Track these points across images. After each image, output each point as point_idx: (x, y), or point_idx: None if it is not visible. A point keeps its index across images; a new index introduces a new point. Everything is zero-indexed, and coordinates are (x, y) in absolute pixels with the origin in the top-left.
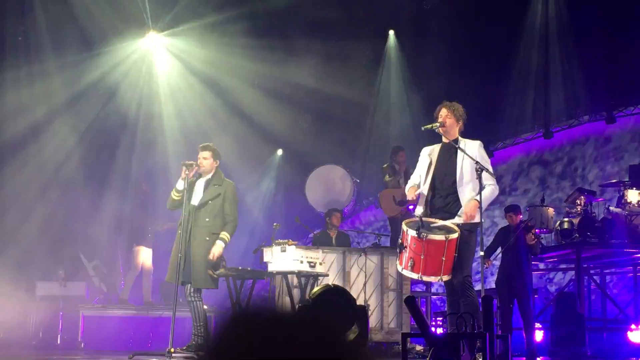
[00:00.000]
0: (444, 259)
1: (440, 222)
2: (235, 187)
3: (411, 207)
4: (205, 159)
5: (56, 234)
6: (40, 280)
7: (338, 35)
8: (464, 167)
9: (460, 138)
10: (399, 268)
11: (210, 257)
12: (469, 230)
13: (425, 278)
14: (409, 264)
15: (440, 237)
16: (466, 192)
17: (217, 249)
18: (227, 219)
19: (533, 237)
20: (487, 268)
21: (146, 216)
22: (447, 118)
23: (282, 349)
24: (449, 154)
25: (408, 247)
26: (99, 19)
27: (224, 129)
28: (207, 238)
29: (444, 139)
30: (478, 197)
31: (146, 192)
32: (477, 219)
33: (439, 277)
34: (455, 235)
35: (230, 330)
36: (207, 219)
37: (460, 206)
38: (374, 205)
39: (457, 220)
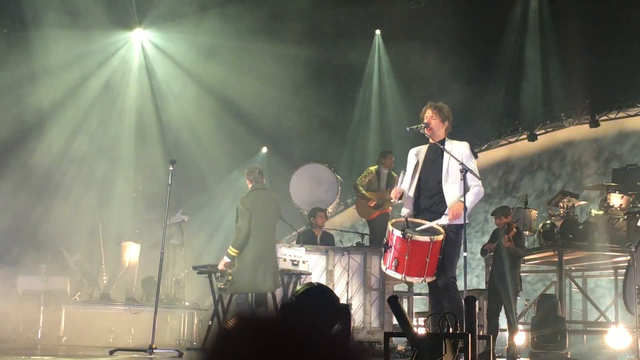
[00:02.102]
0: (428, 260)
1: (427, 224)
2: (242, 198)
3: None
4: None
5: (38, 228)
6: (22, 275)
7: (327, 34)
8: (450, 167)
9: (447, 139)
10: (383, 267)
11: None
12: (454, 232)
13: (408, 279)
14: (393, 264)
15: (425, 238)
16: (451, 193)
17: (220, 263)
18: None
19: (508, 239)
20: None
21: (134, 212)
22: (432, 119)
23: (268, 351)
24: (435, 155)
25: (393, 247)
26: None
27: (209, 126)
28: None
29: (431, 140)
30: (463, 199)
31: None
32: (461, 221)
33: (422, 279)
34: (440, 237)
35: (217, 334)
36: None
37: (446, 206)
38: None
39: (443, 220)
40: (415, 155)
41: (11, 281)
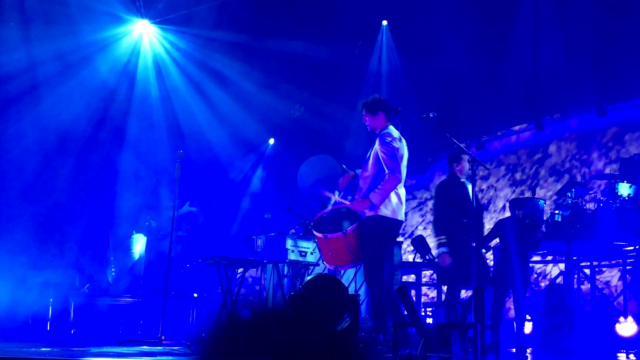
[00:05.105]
0: (350, 250)
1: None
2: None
3: None
4: None
5: (48, 221)
6: (31, 268)
7: (333, 25)
8: (371, 158)
9: (384, 129)
10: (320, 262)
11: None
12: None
13: (340, 268)
14: (324, 258)
15: (337, 234)
16: (364, 184)
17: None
18: None
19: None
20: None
21: (144, 204)
22: (365, 118)
23: (275, 343)
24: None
25: (319, 246)
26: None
27: (216, 117)
28: None
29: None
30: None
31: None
32: (370, 212)
33: (354, 263)
34: (352, 227)
35: (224, 325)
36: None
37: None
38: None
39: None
40: None
41: (21, 273)
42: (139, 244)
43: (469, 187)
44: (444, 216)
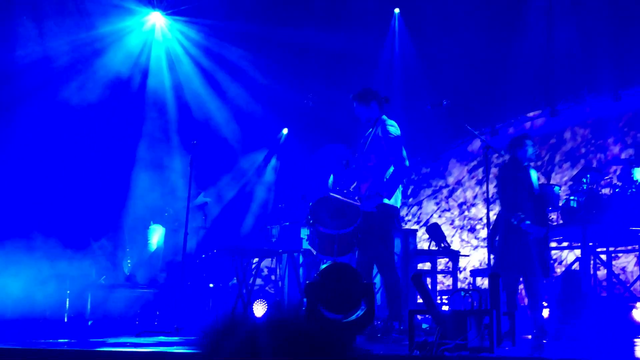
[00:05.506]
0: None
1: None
2: None
3: None
4: None
5: (64, 212)
6: (47, 259)
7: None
8: (372, 147)
9: (380, 118)
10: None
11: None
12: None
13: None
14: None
15: (331, 231)
16: (369, 175)
17: None
18: None
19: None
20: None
21: (163, 194)
22: (358, 109)
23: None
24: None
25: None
26: None
27: (229, 108)
28: None
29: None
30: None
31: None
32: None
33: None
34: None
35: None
36: None
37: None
38: None
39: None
40: None
41: (36, 266)
42: (156, 235)
43: (532, 173)
44: (511, 199)
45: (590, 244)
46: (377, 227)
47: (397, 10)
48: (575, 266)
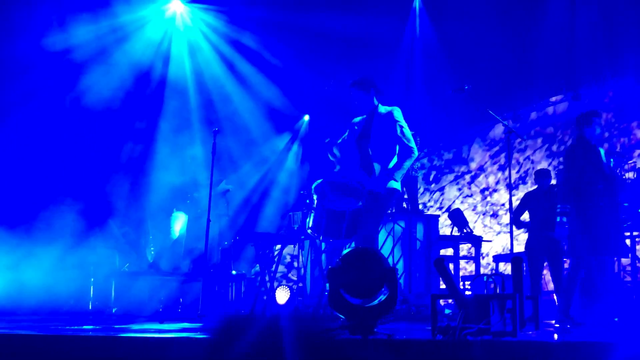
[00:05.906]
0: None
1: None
2: None
3: None
4: None
5: (87, 201)
6: (71, 248)
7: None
8: (377, 132)
9: (378, 106)
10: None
11: None
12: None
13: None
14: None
15: (342, 208)
16: (374, 158)
17: None
18: None
19: None
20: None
21: (185, 182)
22: (357, 95)
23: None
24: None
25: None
26: None
27: (250, 95)
28: None
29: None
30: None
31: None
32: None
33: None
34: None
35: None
36: None
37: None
38: None
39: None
40: None
41: (60, 254)
42: (179, 222)
43: (602, 151)
44: (573, 182)
45: None
46: (379, 207)
47: None
48: None
